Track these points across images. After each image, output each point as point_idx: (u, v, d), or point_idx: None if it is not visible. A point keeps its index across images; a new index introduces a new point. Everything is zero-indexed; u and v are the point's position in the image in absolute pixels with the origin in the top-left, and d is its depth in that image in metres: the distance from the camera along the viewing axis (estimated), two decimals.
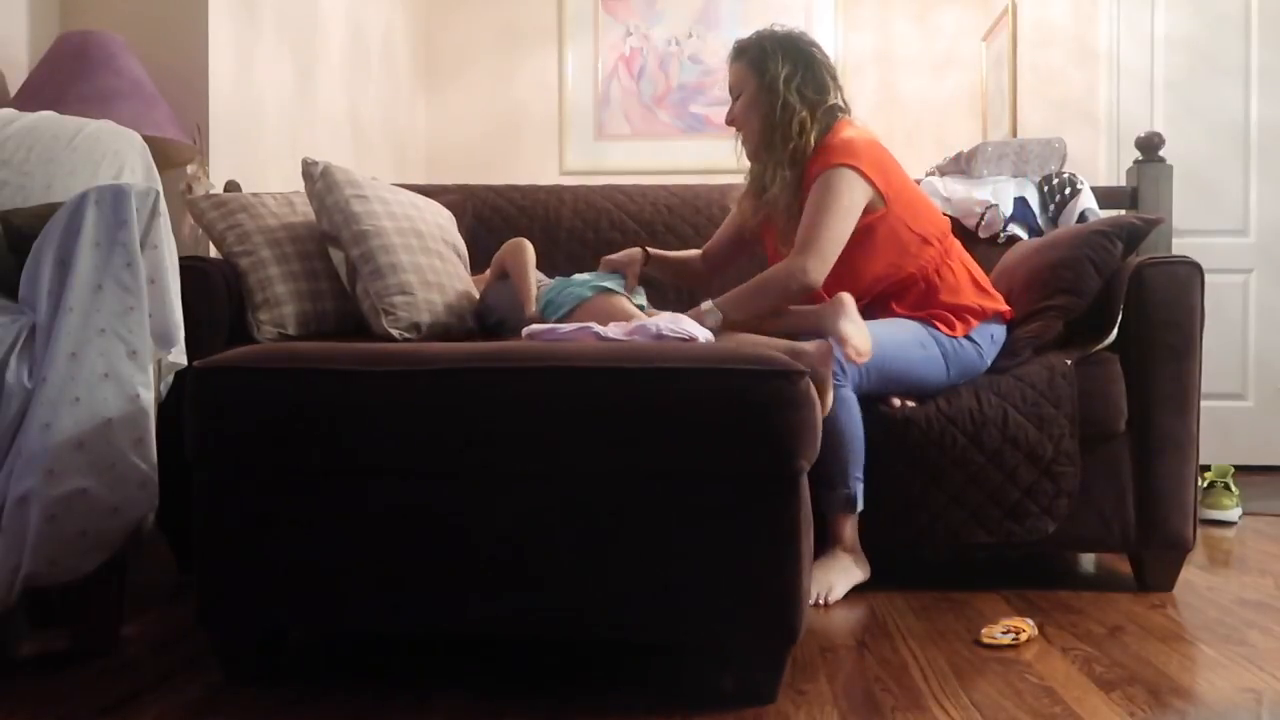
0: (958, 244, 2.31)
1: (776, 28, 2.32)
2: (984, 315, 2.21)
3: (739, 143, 2.36)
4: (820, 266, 2.13)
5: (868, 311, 2.15)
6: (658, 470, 1.47)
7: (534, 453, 1.47)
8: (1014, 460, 2.09)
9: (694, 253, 2.57)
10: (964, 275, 2.25)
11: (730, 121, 2.34)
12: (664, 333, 1.88)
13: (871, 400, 2.11)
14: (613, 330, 1.91)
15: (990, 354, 2.21)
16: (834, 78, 2.28)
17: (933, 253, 2.22)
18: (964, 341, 2.18)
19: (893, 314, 2.22)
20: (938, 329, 2.17)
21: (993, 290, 2.29)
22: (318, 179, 2.46)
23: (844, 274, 2.18)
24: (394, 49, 4.47)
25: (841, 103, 2.29)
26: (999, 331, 2.25)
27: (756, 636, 1.48)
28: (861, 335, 1.98)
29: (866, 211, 2.18)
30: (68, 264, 1.62)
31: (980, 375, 2.19)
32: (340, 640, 1.81)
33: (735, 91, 2.32)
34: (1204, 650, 1.77)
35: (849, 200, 2.15)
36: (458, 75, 4.95)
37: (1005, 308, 2.27)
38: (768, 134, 2.26)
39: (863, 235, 2.18)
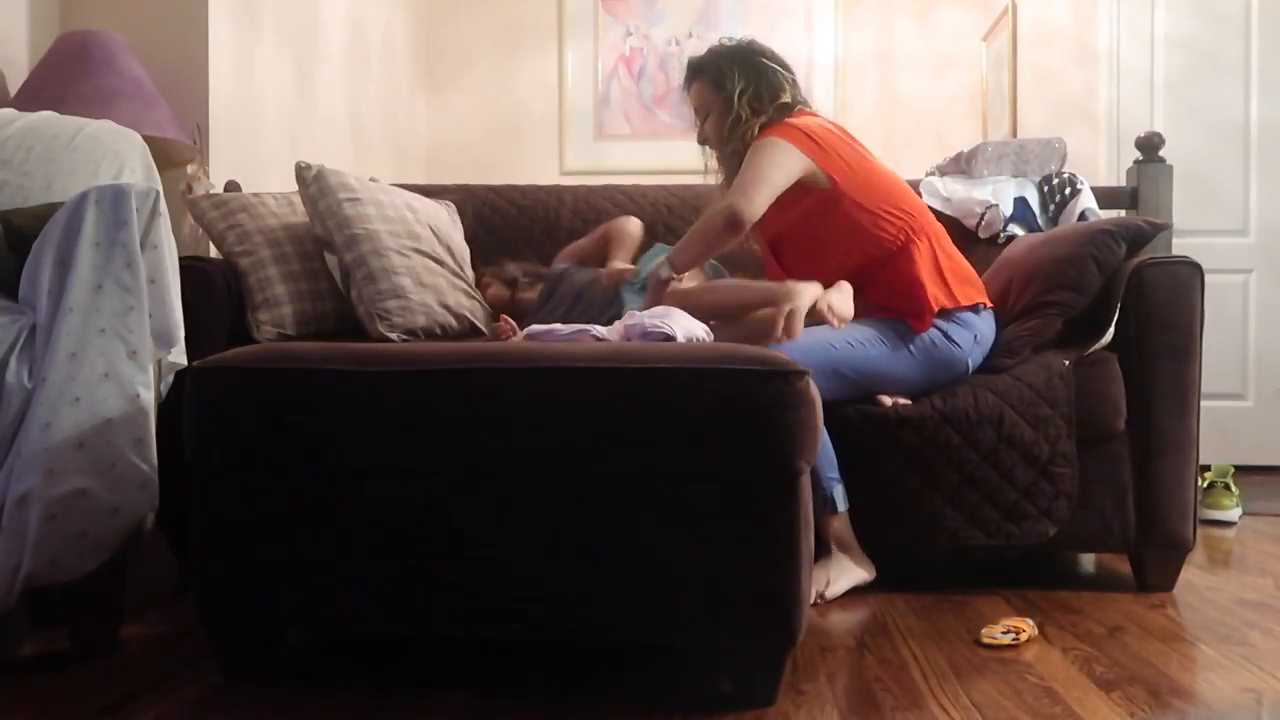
0: (933, 227, 2.24)
1: (727, 41, 2.38)
2: (940, 306, 2.14)
3: (705, 152, 2.41)
4: (746, 204, 2.15)
5: None
6: (657, 471, 1.47)
7: (533, 453, 1.47)
8: (1010, 460, 2.09)
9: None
10: (928, 261, 2.18)
11: (703, 141, 2.40)
12: (648, 330, 1.90)
13: (856, 404, 2.11)
14: (610, 333, 1.93)
15: (975, 352, 2.18)
16: (789, 81, 2.33)
17: (894, 228, 2.17)
18: (936, 339, 2.14)
19: (861, 304, 2.19)
20: (905, 324, 2.16)
21: (968, 281, 2.23)
22: (311, 183, 2.46)
23: (807, 263, 2.21)
24: (394, 49, 4.47)
25: (798, 98, 2.33)
26: (985, 330, 2.20)
27: (756, 638, 1.47)
28: (842, 300, 2.10)
29: (811, 188, 2.18)
30: (68, 264, 1.62)
31: (976, 374, 2.18)
32: (340, 640, 1.81)
33: (702, 112, 2.37)
34: (1204, 650, 1.77)
35: (776, 158, 2.18)
36: (458, 75, 4.95)
37: (975, 300, 2.20)
38: (723, 147, 2.33)
39: (819, 221, 2.20)
